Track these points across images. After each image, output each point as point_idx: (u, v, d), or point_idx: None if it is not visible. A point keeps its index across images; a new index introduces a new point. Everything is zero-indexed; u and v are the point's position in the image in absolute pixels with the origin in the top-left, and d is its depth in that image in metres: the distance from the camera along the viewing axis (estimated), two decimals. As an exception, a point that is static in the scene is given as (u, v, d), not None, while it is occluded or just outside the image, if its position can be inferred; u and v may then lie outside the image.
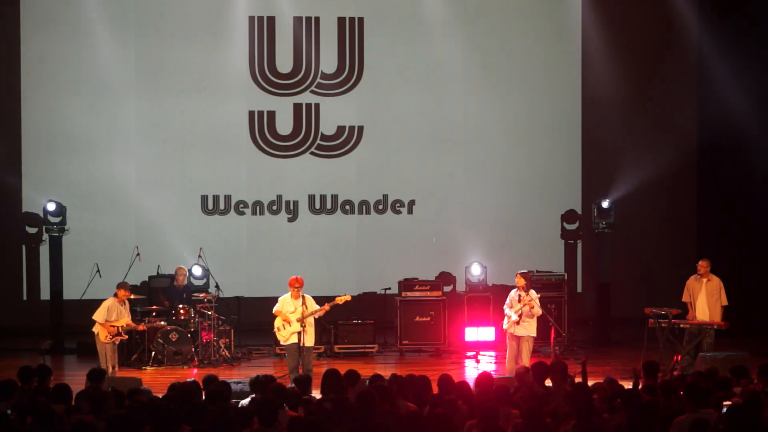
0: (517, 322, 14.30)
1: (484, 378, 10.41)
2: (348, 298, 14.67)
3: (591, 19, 19.81)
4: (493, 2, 19.85)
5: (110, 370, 14.26)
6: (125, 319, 14.87)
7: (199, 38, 19.20)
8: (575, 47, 19.82)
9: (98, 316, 14.67)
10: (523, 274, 14.57)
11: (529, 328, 14.41)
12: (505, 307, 14.56)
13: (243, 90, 19.39)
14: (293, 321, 14.08)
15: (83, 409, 9.12)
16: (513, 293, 14.53)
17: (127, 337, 15.31)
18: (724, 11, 19.42)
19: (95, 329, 14.70)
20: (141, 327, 15.67)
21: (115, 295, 14.85)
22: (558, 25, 19.84)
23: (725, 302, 15.22)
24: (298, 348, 14.03)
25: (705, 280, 15.28)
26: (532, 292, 14.48)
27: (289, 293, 14.23)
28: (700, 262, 15.44)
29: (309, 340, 14.18)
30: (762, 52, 19.09)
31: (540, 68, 19.80)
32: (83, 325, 15.59)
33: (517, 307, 14.34)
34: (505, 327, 14.49)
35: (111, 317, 14.71)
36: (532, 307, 14.31)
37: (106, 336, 14.56)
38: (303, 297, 14.20)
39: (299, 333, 14.01)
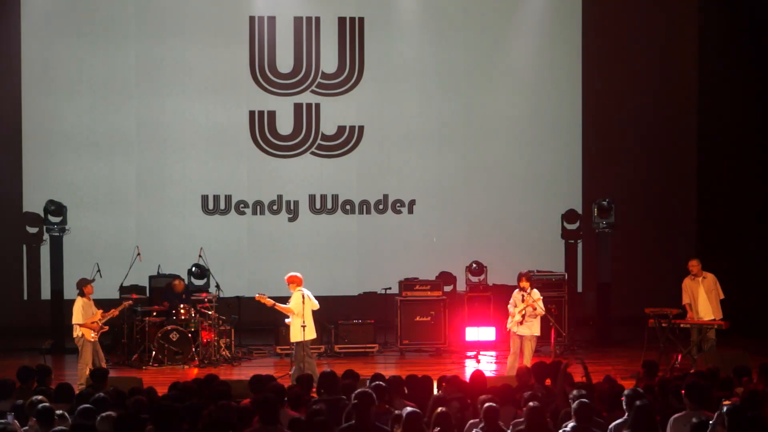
0: (520, 322, 14.33)
1: (476, 377, 10.48)
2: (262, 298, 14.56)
3: (591, 18, 19.82)
4: (493, 2, 19.85)
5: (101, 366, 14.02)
6: (99, 312, 14.57)
7: (199, 38, 19.20)
8: (575, 47, 19.81)
9: (78, 318, 14.26)
10: (525, 275, 14.59)
11: (533, 328, 14.44)
12: (509, 306, 14.63)
13: (243, 90, 19.40)
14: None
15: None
16: (516, 293, 14.56)
17: (107, 328, 14.96)
18: (725, 9, 19.44)
19: (77, 333, 14.30)
20: (115, 311, 14.89)
21: (82, 294, 14.54)
22: (558, 25, 19.84)
23: (722, 295, 15.30)
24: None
25: (700, 278, 15.33)
26: (535, 291, 14.48)
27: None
28: (690, 262, 15.47)
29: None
30: (764, 52, 19.09)
31: (540, 68, 19.80)
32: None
33: (520, 306, 14.36)
34: (508, 326, 14.53)
35: (87, 315, 14.46)
36: (535, 309, 14.33)
37: (93, 335, 14.29)
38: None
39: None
